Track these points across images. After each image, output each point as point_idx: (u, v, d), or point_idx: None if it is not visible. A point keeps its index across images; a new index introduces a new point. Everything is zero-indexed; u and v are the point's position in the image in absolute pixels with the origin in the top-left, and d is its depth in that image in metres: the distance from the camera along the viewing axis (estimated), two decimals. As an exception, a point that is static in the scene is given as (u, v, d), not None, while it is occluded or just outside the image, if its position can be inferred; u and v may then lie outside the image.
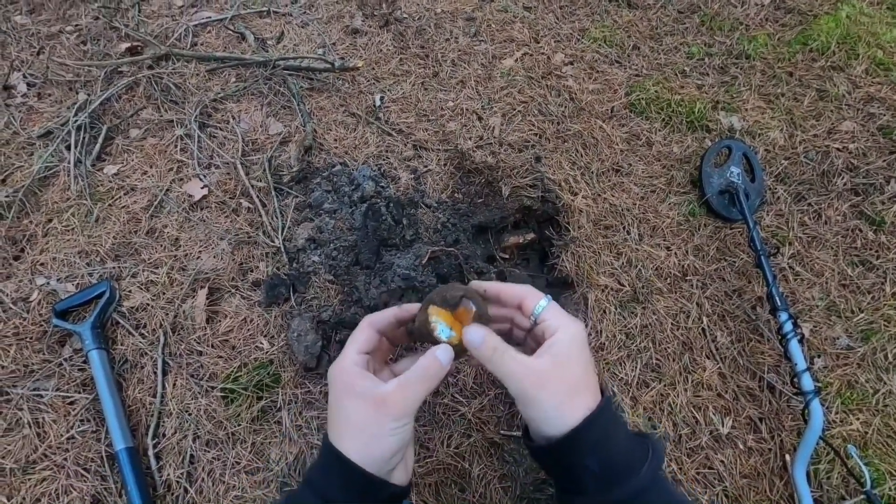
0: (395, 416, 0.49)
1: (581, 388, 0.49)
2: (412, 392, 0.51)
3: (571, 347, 0.50)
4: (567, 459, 0.48)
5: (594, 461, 0.47)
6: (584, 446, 0.47)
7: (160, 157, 1.37)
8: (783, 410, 1.13)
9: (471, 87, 1.53)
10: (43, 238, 1.25)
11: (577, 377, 0.49)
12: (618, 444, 0.48)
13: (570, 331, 0.51)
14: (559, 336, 0.50)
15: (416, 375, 0.51)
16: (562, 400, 0.48)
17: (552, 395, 0.48)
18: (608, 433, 0.48)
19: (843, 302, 1.25)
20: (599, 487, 0.46)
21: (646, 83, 1.57)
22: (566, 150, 1.43)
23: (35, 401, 1.06)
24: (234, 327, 1.15)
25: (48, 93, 1.50)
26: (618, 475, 0.46)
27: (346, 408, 0.50)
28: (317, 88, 1.51)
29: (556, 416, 0.48)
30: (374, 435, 0.49)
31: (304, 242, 1.24)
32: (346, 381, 0.51)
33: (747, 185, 1.35)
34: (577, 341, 0.51)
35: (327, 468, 0.49)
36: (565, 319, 0.52)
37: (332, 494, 0.48)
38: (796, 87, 1.57)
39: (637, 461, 0.47)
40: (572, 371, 0.49)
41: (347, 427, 0.50)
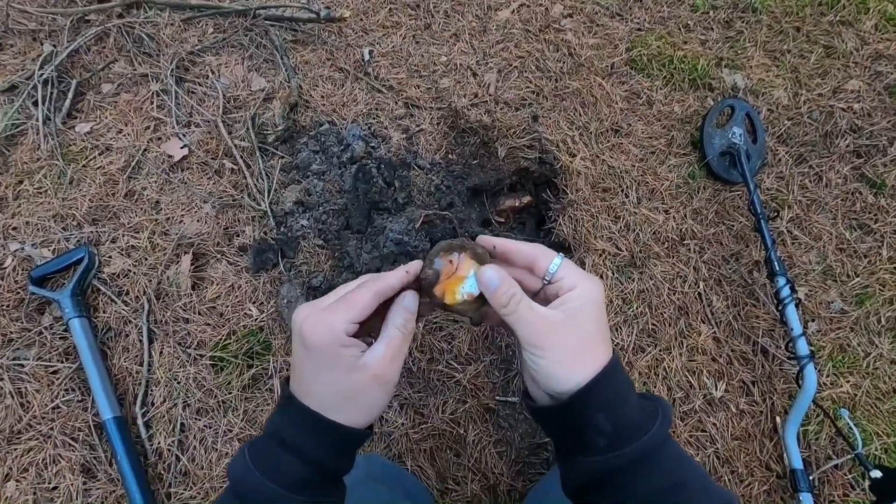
0: (393, 382, 0.48)
1: (593, 344, 0.47)
2: (400, 354, 0.49)
3: (587, 303, 0.47)
4: (576, 417, 0.46)
5: (605, 419, 0.45)
6: (595, 403, 0.45)
7: (136, 114, 1.29)
8: (775, 374, 1.13)
9: (465, 41, 1.45)
10: (14, 201, 1.18)
11: (590, 333, 0.47)
12: (629, 403, 0.46)
13: (586, 288, 0.48)
14: (576, 292, 0.48)
15: (400, 336, 0.49)
16: (573, 353, 0.46)
17: (563, 347, 0.46)
18: (620, 391, 0.46)
19: (840, 266, 1.24)
20: (609, 447, 0.45)
21: (648, 38, 1.49)
22: (564, 108, 1.37)
23: (16, 370, 1.02)
24: (221, 294, 1.11)
25: (10, 43, 1.39)
26: (629, 434, 0.45)
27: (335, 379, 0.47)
28: (301, 41, 1.42)
29: (564, 370, 0.46)
30: (369, 406, 0.48)
31: (291, 206, 1.19)
32: (332, 349, 0.46)
33: (749, 147, 1.31)
34: (593, 298, 0.48)
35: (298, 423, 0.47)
36: (582, 276, 0.49)
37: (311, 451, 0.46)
38: (803, 43, 1.51)
39: (647, 421, 0.46)
40: (586, 326, 0.47)
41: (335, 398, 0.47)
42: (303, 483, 0.46)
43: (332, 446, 0.47)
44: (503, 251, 0.53)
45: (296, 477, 0.46)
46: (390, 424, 1.03)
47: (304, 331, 0.47)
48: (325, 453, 0.47)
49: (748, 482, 1.03)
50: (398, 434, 1.02)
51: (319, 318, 0.47)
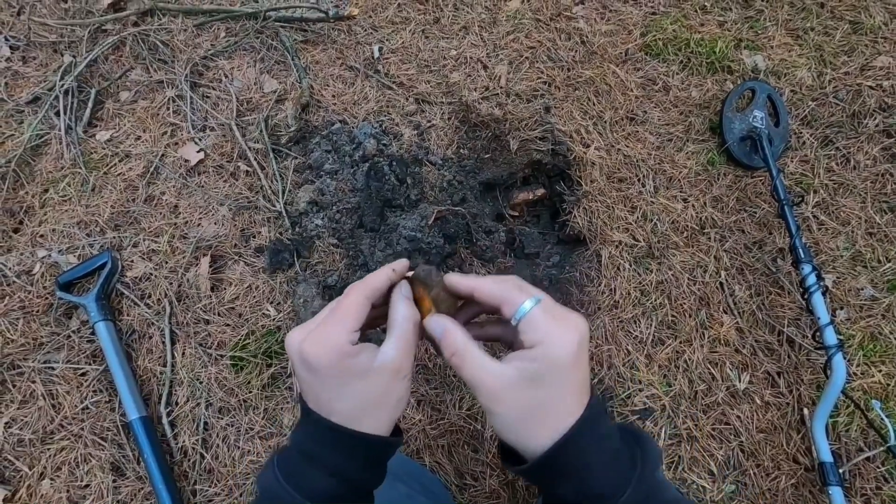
0: (412, 373, 0.47)
1: (553, 408, 0.41)
2: (413, 343, 0.47)
3: (550, 367, 0.41)
4: (540, 481, 0.44)
5: (568, 490, 0.41)
6: (555, 473, 0.41)
7: (153, 120, 1.32)
8: (802, 364, 1.10)
9: (474, 34, 1.44)
10: (41, 209, 1.22)
11: (550, 396, 0.41)
12: (597, 467, 0.41)
13: (553, 347, 0.41)
14: (537, 352, 0.41)
15: (407, 329, 0.47)
16: (525, 419, 0.41)
17: (513, 413, 0.41)
18: (585, 457, 0.41)
19: (870, 251, 1.20)
20: None
21: (663, 22, 1.45)
22: (577, 98, 1.34)
23: (47, 373, 1.06)
24: (239, 295, 1.13)
25: (32, 55, 1.43)
26: (599, 500, 0.41)
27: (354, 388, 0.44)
28: (311, 41, 1.43)
29: (516, 435, 0.42)
30: (395, 404, 0.46)
31: (305, 206, 1.20)
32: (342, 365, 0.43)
33: (771, 130, 1.27)
34: (559, 360, 0.41)
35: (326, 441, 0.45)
36: (554, 328, 0.42)
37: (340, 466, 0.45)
38: (827, 20, 1.45)
39: (620, 483, 0.41)
40: (545, 389, 0.41)
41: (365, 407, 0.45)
42: (332, 498, 0.44)
43: (363, 459, 0.46)
44: (467, 291, 0.48)
45: (326, 492, 0.44)
46: (408, 421, 1.03)
47: (305, 353, 0.44)
48: (355, 467, 0.45)
49: (774, 476, 1.01)
50: (416, 431, 1.02)
51: (317, 337, 0.44)
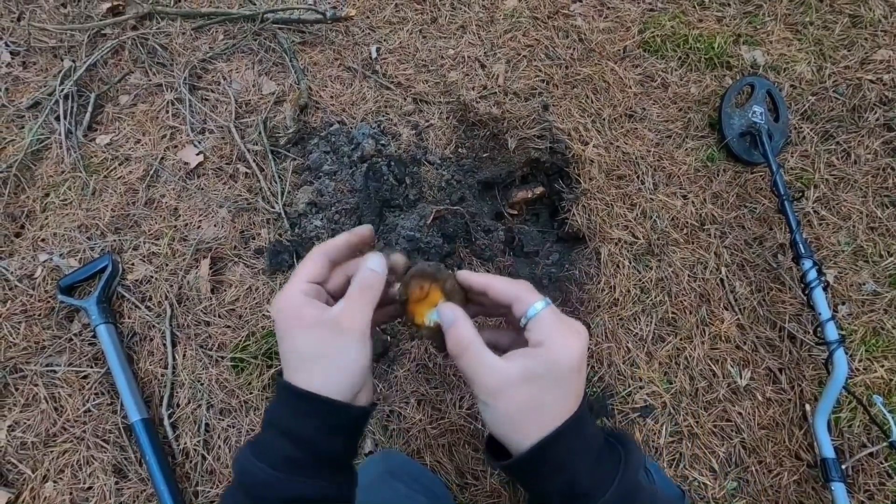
0: (351, 336, 0.45)
1: (547, 409, 0.43)
2: (359, 306, 0.47)
3: (550, 369, 0.43)
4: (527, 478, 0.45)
5: (554, 486, 0.42)
6: (541, 468, 0.43)
7: (152, 123, 1.32)
8: (804, 360, 1.09)
9: (472, 33, 1.44)
10: (42, 213, 1.23)
11: (546, 397, 0.43)
12: (582, 465, 0.43)
13: (556, 351, 0.43)
14: (540, 352, 0.44)
15: (356, 289, 0.47)
16: (520, 416, 0.43)
17: (510, 409, 0.43)
18: (572, 454, 0.43)
19: (871, 246, 1.19)
20: None
21: (661, 18, 1.45)
22: (575, 96, 1.34)
23: (49, 376, 1.07)
24: (239, 296, 1.14)
25: (32, 61, 1.44)
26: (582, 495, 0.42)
27: (295, 340, 0.46)
28: (309, 42, 1.43)
29: (509, 429, 0.43)
30: (334, 362, 0.45)
31: (304, 207, 1.20)
32: (292, 312, 0.46)
33: (771, 126, 1.26)
34: (560, 364, 0.43)
35: (282, 402, 0.46)
36: (559, 333, 0.44)
37: (294, 427, 0.45)
38: (826, 14, 1.44)
39: (604, 481, 0.42)
40: (543, 390, 0.43)
41: (303, 360, 0.46)
42: (288, 461, 0.45)
43: (313, 419, 0.45)
44: (480, 289, 0.50)
45: (280, 454, 0.45)
46: (408, 421, 1.03)
47: (272, 307, 0.50)
48: (307, 428, 0.45)
49: (777, 472, 1.00)
50: (416, 430, 1.02)
51: (280, 292, 0.48)
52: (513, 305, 0.47)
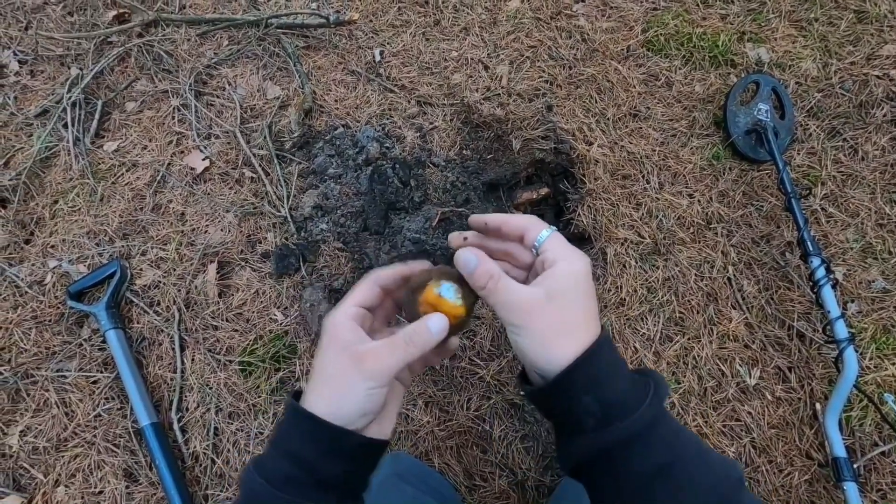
0: (369, 375, 0.46)
1: (575, 324, 0.46)
2: (392, 355, 0.47)
3: (569, 281, 0.46)
4: (562, 398, 0.46)
5: (591, 399, 0.44)
6: (579, 384, 0.45)
7: (158, 129, 1.33)
8: (813, 358, 1.09)
9: (475, 34, 1.44)
10: (51, 220, 1.24)
11: (571, 313, 0.46)
12: (616, 382, 0.45)
13: (570, 264, 0.47)
14: (558, 268, 0.47)
15: (401, 339, 0.48)
16: (553, 332, 0.45)
17: (542, 326, 0.45)
18: (605, 370, 0.45)
19: (880, 243, 1.18)
20: (598, 426, 0.44)
21: (664, 17, 1.45)
22: (579, 96, 1.34)
23: (60, 381, 1.08)
24: (246, 300, 1.14)
25: (40, 69, 1.45)
26: (617, 413, 0.44)
27: (324, 358, 0.48)
28: (313, 46, 1.44)
29: (544, 350, 0.45)
30: (343, 390, 0.46)
31: (310, 210, 1.21)
32: (333, 332, 0.48)
33: (776, 123, 1.26)
34: (576, 276, 0.47)
35: (287, 423, 0.48)
36: (568, 252, 0.48)
37: (293, 446, 0.46)
38: (832, 10, 1.43)
39: (637, 398, 0.44)
40: (567, 306, 0.46)
41: (319, 377, 0.48)
42: (287, 480, 0.45)
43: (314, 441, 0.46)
44: (495, 225, 0.53)
45: (280, 473, 0.46)
46: (416, 423, 1.03)
47: (322, 324, 0.51)
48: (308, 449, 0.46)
49: (787, 472, 1.00)
50: (424, 432, 1.02)
51: (332, 311, 0.51)
52: (525, 235, 0.50)
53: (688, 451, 0.44)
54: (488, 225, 0.54)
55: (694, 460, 0.44)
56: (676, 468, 0.43)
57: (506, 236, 0.53)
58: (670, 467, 0.43)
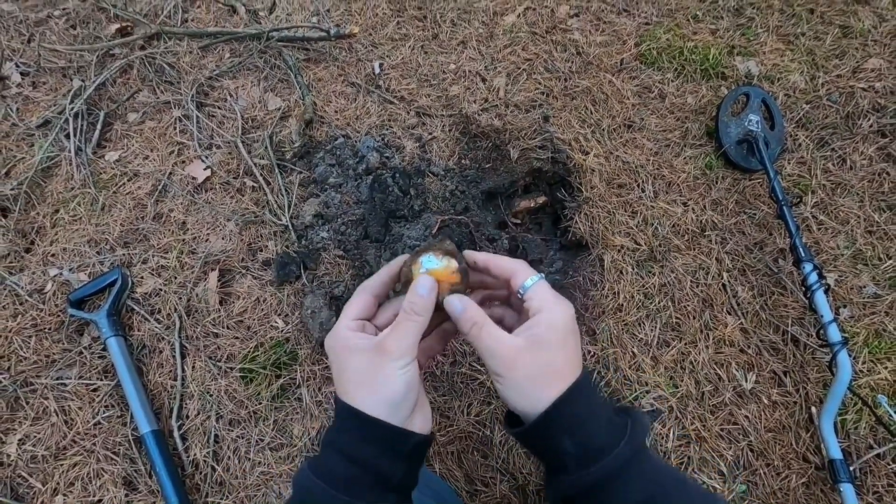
0: (395, 356, 0.49)
1: (555, 372, 0.48)
2: (404, 330, 0.50)
3: (550, 331, 0.49)
4: (544, 440, 0.48)
5: (570, 442, 0.46)
6: (557, 425, 0.47)
7: (160, 140, 1.35)
8: (808, 363, 1.10)
9: (472, 48, 1.47)
10: (52, 229, 1.25)
11: (551, 361, 0.48)
12: (594, 423, 0.47)
13: (552, 314, 0.49)
14: (540, 318, 0.49)
15: (402, 316, 0.51)
16: (533, 381, 0.48)
17: (523, 375, 0.48)
18: (583, 413, 0.48)
19: (870, 249, 1.21)
20: (578, 466, 0.46)
21: (656, 31, 1.49)
22: (575, 107, 1.37)
23: (59, 390, 1.07)
24: (247, 308, 1.15)
25: (42, 81, 1.47)
26: (595, 454, 0.46)
27: (347, 367, 0.50)
28: (313, 59, 1.47)
29: (527, 397, 0.48)
30: (380, 380, 0.49)
31: (311, 219, 1.22)
32: (343, 344, 0.51)
33: (767, 133, 1.29)
34: (557, 325, 0.49)
35: (346, 427, 0.49)
36: (551, 301, 0.50)
37: (357, 451, 0.48)
38: (818, 25, 1.48)
39: (615, 439, 0.47)
40: (547, 355, 0.48)
41: (353, 383, 0.50)
42: (348, 481, 0.47)
43: (371, 441, 0.48)
44: (483, 264, 0.55)
45: (340, 474, 0.47)
46: (417, 428, 1.04)
47: (325, 343, 0.53)
48: (365, 449, 0.48)
49: (785, 475, 1.01)
50: (425, 438, 1.03)
51: (330, 332, 0.53)
52: (511, 278, 0.53)
53: (669, 485, 0.47)
54: (477, 263, 0.56)
55: (675, 493, 0.46)
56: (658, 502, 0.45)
57: (494, 277, 0.55)
58: (653, 500, 0.45)
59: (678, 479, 0.48)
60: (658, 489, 0.46)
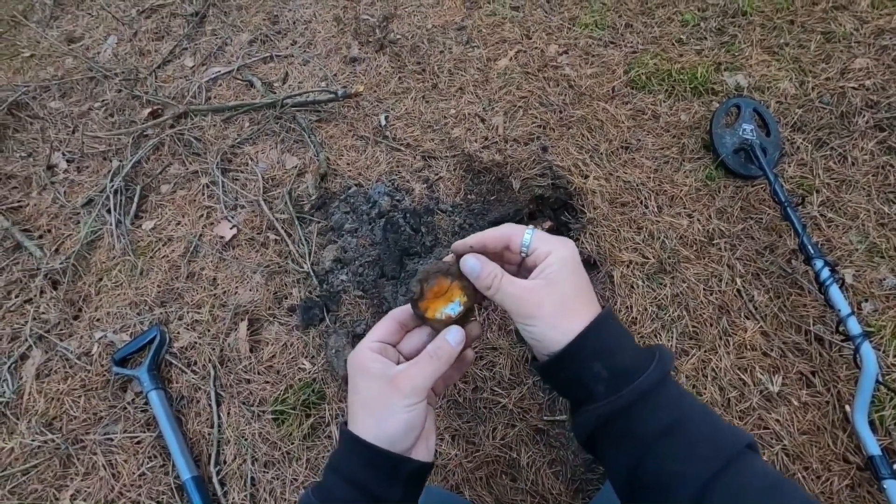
0: (404, 393, 0.50)
1: (576, 302, 0.50)
2: (420, 371, 0.51)
3: (563, 267, 0.50)
4: (573, 368, 0.49)
5: (600, 365, 0.47)
6: (587, 351, 0.48)
7: (190, 206, 1.46)
8: (836, 361, 1.08)
9: (470, 93, 1.57)
10: (96, 296, 1.35)
11: (571, 293, 0.50)
12: (623, 350, 0.48)
13: (560, 252, 0.51)
14: (550, 259, 0.51)
15: (425, 356, 0.52)
16: (558, 314, 0.49)
17: (549, 311, 0.49)
18: (611, 339, 0.49)
19: (885, 241, 1.20)
20: (607, 391, 0.47)
21: (643, 58, 1.56)
22: (571, 136, 1.44)
23: (106, 444, 1.14)
24: (276, 353, 1.21)
25: (86, 165, 1.63)
26: (625, 377, 0.47)
27: (359, 389, 0.51)
28: (324, 119, 1.59)
29: (554, 331, 0.49)
30: (384, 412, 0.50)
31: (330, 264, 1.29)
32: (360, 364, 0.52)
33: (763, 140, 1.32)
34: (567, 260, 0.51)
35: (347, 451, 0.51)
36: (554, 243, 0.52)
37: (355, 474, 0.49)
38: (800, 34, 1.53)
39: (643, 364, 0.47)
40: (565, 288, 0.50)
41: (360, 407, 0.51)
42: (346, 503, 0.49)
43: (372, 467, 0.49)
44: (479, 244, 0.56)
45: (338, 496, 0.49)
46: (444, 456, 1.05)
47: (348, 361, 0.54)
48: (367, 475, 0.49)
49: (826, 478, 0.97)
50: (453, 465, 1.04)
51: (357, 348, 0.54)
52: (510, 242, 0.54)
53: (695, 411, 0.47)
54: (473, 248, 0.56)
55: (701, 419, 0.47)
56: (684, 426, 0.46)
57: (492, 250, 0.57)
58: (679, 424, 0.45)
59: (704, 407, 0.48)
60: (685, 412, 0.46)
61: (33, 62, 1.95)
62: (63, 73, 1.88)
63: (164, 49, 1.87)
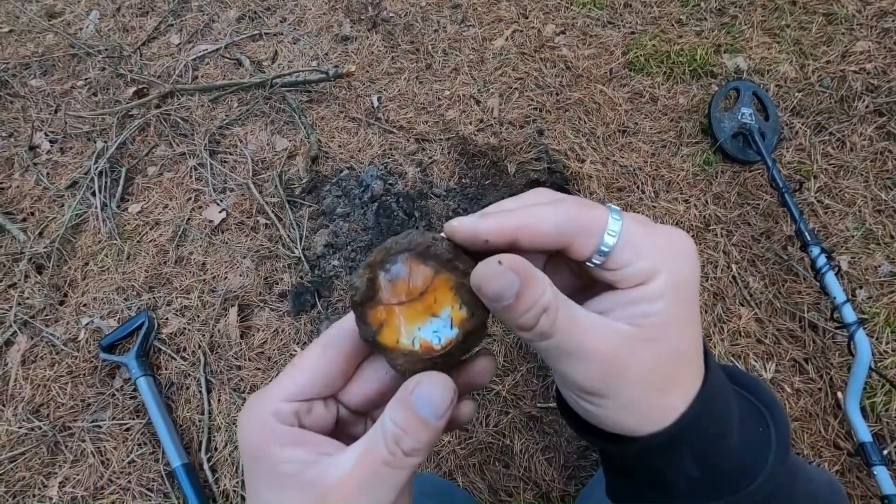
0: None
1: (685, 369, 0.28)
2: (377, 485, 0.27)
3: (675, 300, 0.27)
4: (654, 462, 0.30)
5: (694, 465, 0.29)
6: (681, 448, 0.29)
7: (178, 189, 1.43)
8: (829, 348, 1.08)
9: (465, 73, 1.53)
10: (82, 281, 1.32)
11: (678, 349, 0.28)
12: (728, 440, 0.29)
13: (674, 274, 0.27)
14: (656, 285, 0.27)
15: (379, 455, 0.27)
16: (652, 388, 0.28)
17: (636, 383, 0.27)
18: (717, 427, 0.29)
19: (881, 228, 1.19)
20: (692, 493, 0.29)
21: (642, 39, 1.53)
22: (568, 119, 1.41)
23: (95, 431, 1.12)
24: (267, 339, 1.19)
25: (69, 146, 1.58)
26: (725, 481, 0.29)
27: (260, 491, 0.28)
28: (315, 100, 1.55)
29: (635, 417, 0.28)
30: None
31: (322, 249, 1.27)
32: (264, 452, 0.28)
33: (761, 125, 1.30)
34: (684, 289, 0.27)
35: None
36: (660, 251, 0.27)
37: None
38: (801, 16, 1.50)
39: (752, 459, 0.29)
40: (676, 344, 0.27)
41: None
42: None
43: None
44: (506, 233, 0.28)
45: None
46: (437, 444, 1.05)
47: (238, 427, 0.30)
48: None
49: (817, 464, 0.98)
50: (446, 452, 1.04)
51: (250, 405, 0.30)
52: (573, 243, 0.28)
53: None
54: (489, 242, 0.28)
55: None
56: None
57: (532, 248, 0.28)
58: None
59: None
60: None
61: (12, 38, 1.88)
62: (44, 49, 1.81)
63: (149, 25, 1.81)
